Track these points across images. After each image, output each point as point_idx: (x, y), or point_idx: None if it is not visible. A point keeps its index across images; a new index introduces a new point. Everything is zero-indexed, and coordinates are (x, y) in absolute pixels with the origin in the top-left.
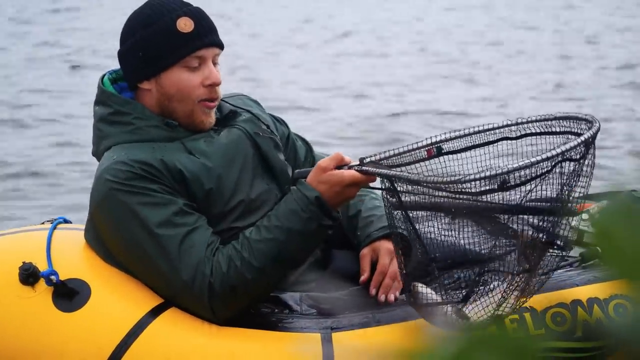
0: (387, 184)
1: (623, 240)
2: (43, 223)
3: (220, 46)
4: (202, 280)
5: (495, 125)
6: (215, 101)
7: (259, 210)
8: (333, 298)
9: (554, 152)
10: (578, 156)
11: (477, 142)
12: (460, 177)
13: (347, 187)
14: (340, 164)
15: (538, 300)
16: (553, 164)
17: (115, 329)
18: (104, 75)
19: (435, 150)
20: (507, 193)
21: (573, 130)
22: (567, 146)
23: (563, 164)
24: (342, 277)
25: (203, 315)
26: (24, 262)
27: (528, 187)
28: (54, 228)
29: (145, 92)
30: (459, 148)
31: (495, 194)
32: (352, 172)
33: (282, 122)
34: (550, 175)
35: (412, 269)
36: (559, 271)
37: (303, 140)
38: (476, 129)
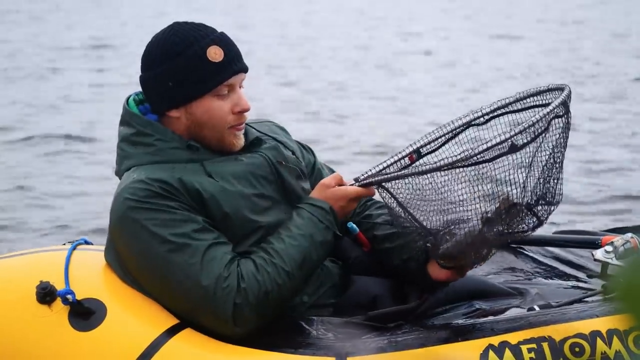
0: (383, 191)
1: None
2: (64, 244)
3: (247, 70)
4: (224, 291)
5: (464, 120)
6: (243, 124)
7: None
8: (349, 323)
9: (549, 109)
10: (562, 113)
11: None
12: (470, 151)
13: (350, 201)
14: (340, 183)
15: (557, 330)
16: (549, 120)
17: (130, 349)
18: (129, 96)
19: (416, 155)
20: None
21: (538, 103)
22: (559, 100)
23: (552, 122)
24: (360, 302)
25: (221, 328)
26: (41, 281)
27: (531, 148)
28: (74, 248)
29: (173, 119)
30: (435, 147)
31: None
32: (355, 187)
33: (309, 150)
34: (548, 133)
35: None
36: (579, 303)
37: (329, 169)
38: (449, 127)
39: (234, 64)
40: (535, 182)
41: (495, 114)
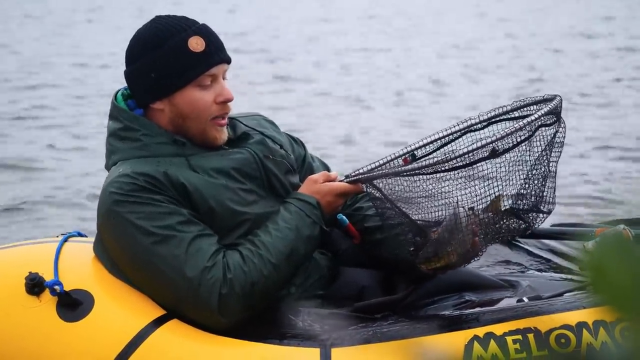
0: (371, 188)
1: (615, 275)
2: (57, 236)
3: (229, 61)
4: (210, 282)
5: (462, 126)
6: (226, 117)
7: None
8: (335, 314)
9: (534, 117)
10: (550, 122)
11: (445, 142)
12: (449, 155)
13: (337, 196)
14: (328, 180)
15: (543, 322)
16: (533, 128)
17: (116, 339)
18: (118, 91)
19: (410, 158)
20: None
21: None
22: (542, 111)
23: (540, 130)
24: (348, 293)
25: (206, 319)
26: (30, 272)
27: (514, 154)
28: (65, 240)
29: (157, 111)
30: (430, 151)
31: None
32: (342, 183)
33: (299, 143)
34: (533, 141)
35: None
36: (567, 294)
37: (320, 161)
38: (446, 132)
39: (215, 54)
40: (526, 189)
41: (493, 120)
